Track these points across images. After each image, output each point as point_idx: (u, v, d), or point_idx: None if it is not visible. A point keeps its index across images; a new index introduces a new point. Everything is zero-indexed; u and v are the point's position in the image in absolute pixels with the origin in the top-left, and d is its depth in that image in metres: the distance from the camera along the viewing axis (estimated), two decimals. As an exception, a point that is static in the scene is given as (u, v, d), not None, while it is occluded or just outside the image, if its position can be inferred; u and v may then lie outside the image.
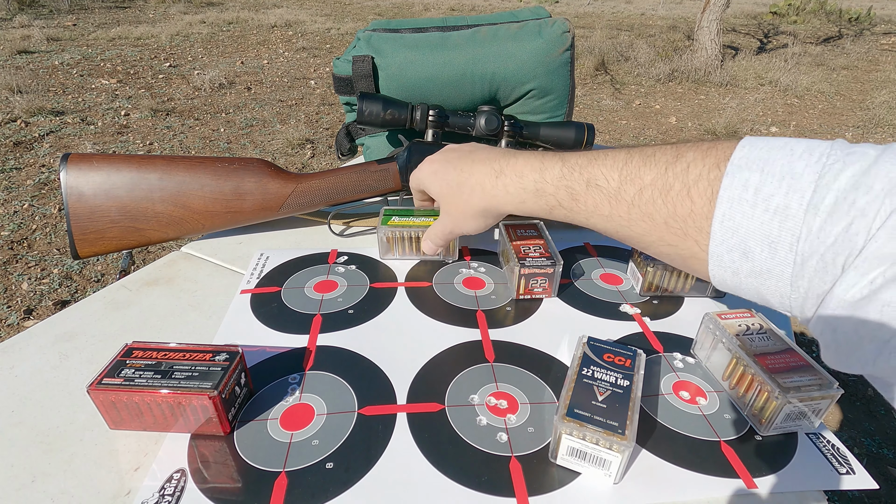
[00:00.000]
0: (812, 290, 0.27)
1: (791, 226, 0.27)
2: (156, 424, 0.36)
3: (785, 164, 0.28)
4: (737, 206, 0.29)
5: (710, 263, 0.31)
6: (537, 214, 0.42)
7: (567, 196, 0.38)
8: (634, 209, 0.34)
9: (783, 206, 0.27)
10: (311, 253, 0.57)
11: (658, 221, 0.33)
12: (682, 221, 0.32)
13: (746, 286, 0.31)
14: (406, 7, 8.04)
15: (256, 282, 0.52)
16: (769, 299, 0.30)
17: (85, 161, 0.52)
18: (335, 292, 0.51)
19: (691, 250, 0.33)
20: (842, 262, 0.26)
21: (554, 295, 0.51)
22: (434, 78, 0.61)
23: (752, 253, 0.29)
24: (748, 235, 0.29)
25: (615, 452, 0.32)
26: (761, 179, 0.28)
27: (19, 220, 2.01)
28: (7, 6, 6.04)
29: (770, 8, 8.13)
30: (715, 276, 0.32)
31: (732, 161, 0.30)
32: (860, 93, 4.34)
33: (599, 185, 0.36)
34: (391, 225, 0.54)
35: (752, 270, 0.30)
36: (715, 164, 0.31)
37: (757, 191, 0.28)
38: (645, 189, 0.34)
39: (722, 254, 0.31)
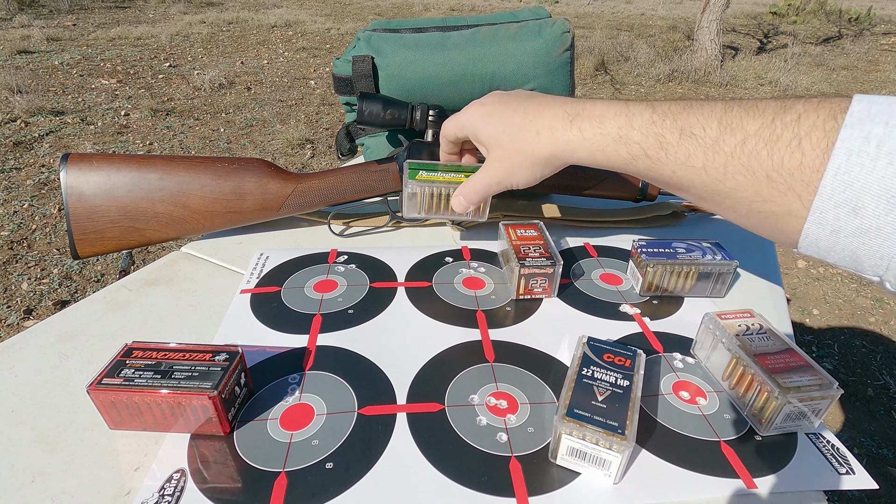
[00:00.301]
0: None
1: None
2: (156, 424, 0.36)
3: None
4: (855, 159, 0.28)
5: (809, 220, 0.30)
6: (612, 165, 0.38)
7: (655, 145, 0.35)
8: (733, 161, 0.32)
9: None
10: (310, 253, 0.57)
11: (759, 175, 0.31)
12: (788, 175, 0.30)
13: (843, 247, 0.29)
14: (406, 7, 8.04)
15: (256, 282, 0.52)
16: (864, 261, 0.29)
17: (85, 161, 0.52)
18: (335, 292, 0.51)
19: (790, 206, 0.31)
20: None
21: (554, 295, 0.51)
22: (434, 78, 0.61)
23: (864, 209, 0.28)
24: (864, 190, 0.27)
25: (615, 452, 0.32)
26: (885, 132, 0.27)
27: (19, 220, 2.01)
28: (7, 6, 6.04)
29: (770, 8, 8.13)
30: (808, 236, 0.30)
31: (852, 113, 0.28)
32: (860, 93, 4.34)
33: (695, 135, 0.34)
34: (419, 180, 0.51)
35: (857, 228, 0.28)
36: (831, 116, 0.29)
37: (880, 144, 0.27)
38: (749, 139, 0.32)
39: (827, 210, 0.29)
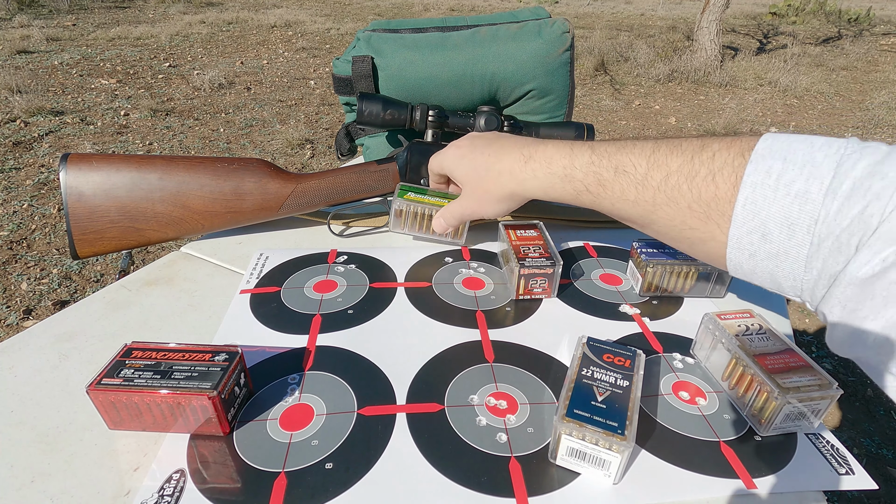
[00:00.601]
0: (825, 271, 0.29)
1: (810, 209, 0.29)
2: (155, 425, 0.36)
3: (806, 154, 0.30)
4: (759, 191, 0.31)
5: (729, 246, 0.33)
6: (563, 199, 0.43)
7: (595, 182, 0.40)
8: (660, 194, 0.36)
9: (803, 190, 0.29)
10: (310, 253, 0.57)
11: (682, 206, 0.35)
12: (705, 205, 0.34)
13: (762, 269, 0.32)
14: (406, 7, 8.04)
15: (256, 282, 0.52)
16: (782, 283, 0.32)
17: (84, 161, 0.52)
18: (335, 292, 0.51)
19: (712, 233, 0.34)
20: (856, 242, 0.27)
21: (553, 295, 0.51)
22: (434, 78, 0.61)
23: (770, 235, 0.31)
24: (769, 218, 0.31)
25: (615, 453, 0.32)
26: (783, 167, 0.30)
27: (19, 220, 2.01)
28: (7, 6, 6.03)
29: (769, 8, 8.13)
30: (731, 260, 0.34)
31: (756, 150, 0.32)
32: (859, 93, 4.35)
33: (627, 172, 0.38)
34: (406, 199, 0.56)
35: (769, 253, 0.31)
36: (739, 153, 0.33)
37: (779, 177, 0.30)
38: (671, 175, 0.36)
39: (742, 236, 0.32)
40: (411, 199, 0.55)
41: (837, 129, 3.46)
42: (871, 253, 0.27)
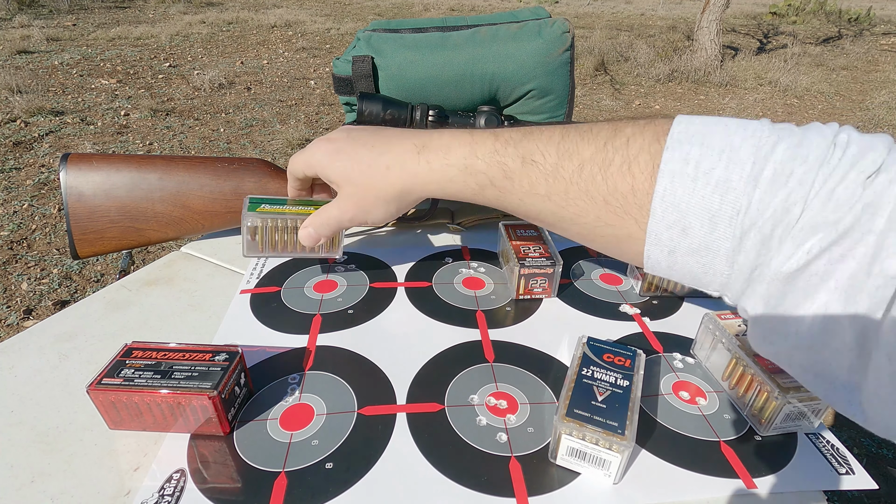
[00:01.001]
0: (748, 264, 0.27)
1: (732, 199, 0.27)
2: (155, 424, 0.36)
3: (723, 138, 0.28)
4: (678, 181, 0.28)
5: (647, 242, 0.30)
6: (463, 196, 0.37)
7: (500, 174, 0.35)
8: (573, 187, 0.32)
9: (724, 179, 0.27)
10: (309, 257, 0.57)
11: (598, 199, 0.31)
12: (622, 198, 0.30)
13: (681, 265, 0.30)
14: (406, 7, 8.04)
15: (256, 282, 0.52)
16: (703, 279, 0.30)
17: (84, 161, 0.52)
18: (335, 292, 0.51)
19: (629, 230, 0.31)
20: (780, 233, 0.26)
21: (554, 295, 0.51)
22: (434, 78, 0.61)
23: (691, 229, 0.28)
24: (689, 210, 0.28)
25: (615, 452, 0.32)
26: (701, 153, 0.28)
27: (19, 220, 2.01)
28: (7, 6, 6.03)
29: (770, 8, 8.13)
30: (650, 257, 0.31)
31: (672, 135, 0.29)
32: (860, 93, 4.35)
33: (536, 162, 0.34)
34: (261, 212, 0.46)
35: (690, 248, 0.29)
36: (655, 138, 0.30)
37: (697, 164, 0.28)
38: (585, 164, 0.32)
39: (661, 231, 0.29)
40: (267, 212, 0.46)
41: (838, 129, 3.45)
42: (795, 245, 0.25)
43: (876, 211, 0.23)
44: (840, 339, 0.25)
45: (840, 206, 0.24)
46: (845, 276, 0.24)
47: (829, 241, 0.24)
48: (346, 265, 0.55)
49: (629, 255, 0.33)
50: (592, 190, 0.31)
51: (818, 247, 0.24)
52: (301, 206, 0.47)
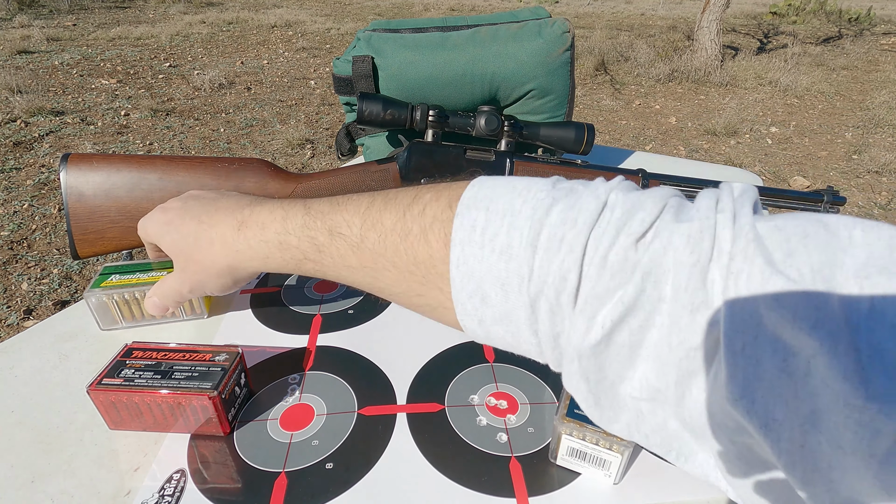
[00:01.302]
0: (550, 332, 0.26)
1: (516, 266, 0.26)
2: (156, 425, 0.36)
3: (507, 202, 0.27)
4: (468, 249, 0.27)
5: (457, 311, 0.29)
6: (287, 270, 0.37)
7: (312, 248, 0.34)
8: (379, 258, 0.32)
9: (507, 245, 0.26)
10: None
11: (402, 270, 0.31)
12: (424, 268, 0.30)
13: (496, 335, 0.29)
14: (406, 7, 8.05)
15: (256, 282, 0.52)
16: (519, 347, 0.29)
17: (85, 161, 0.52)
18: (335, 292, 0.51)
19: (437, 299, 0.30)
20: (565, 301, 0.24)
21: None
22: (434, 78, 0.61)
23: (489, 298, 0.27)
24: (483, 279, 0.27)
25: (615, 453, 0.32)
26: (487, 218, 0.27)
27: (19, 220, 2.01)
28: (7, 6, 6.04)
29: (770, 8, 8.13)
30: (466, 327, 0.30)
31: (462, 201, 0.28)
32: (860, 93, 4.35)
33: (342, 234, 0.33)
34: (107, 287, 0.44)
35: (493, 317, 0.28)
36: (447, 205, 0.29)
37: (483, 231, 0.27)
38: (386, 234, 0.31)
39: (464, 300, 0.28)
40: (114, 286, 0.44)
41: (838, 129, 3.46)
42: (586, 318, 0.24)
43: (659, 279, 0.22)
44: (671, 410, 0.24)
45: (616, 274, 0.23)
46: (652, 345, 0.23)
47: (619, 313, 0.23)
48: None
49: (453, 326, 0.32)
50: (397, 260, 0.31)
51: (610, 319, 0.23)
52: (158, 270, 0.46)
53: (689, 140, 3.26)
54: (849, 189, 2.63)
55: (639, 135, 3.34)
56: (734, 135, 3.33)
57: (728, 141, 3.24)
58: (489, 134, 0.59)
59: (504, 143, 0.60)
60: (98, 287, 0.44)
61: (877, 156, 2.94)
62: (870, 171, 2.84)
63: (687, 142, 3.23)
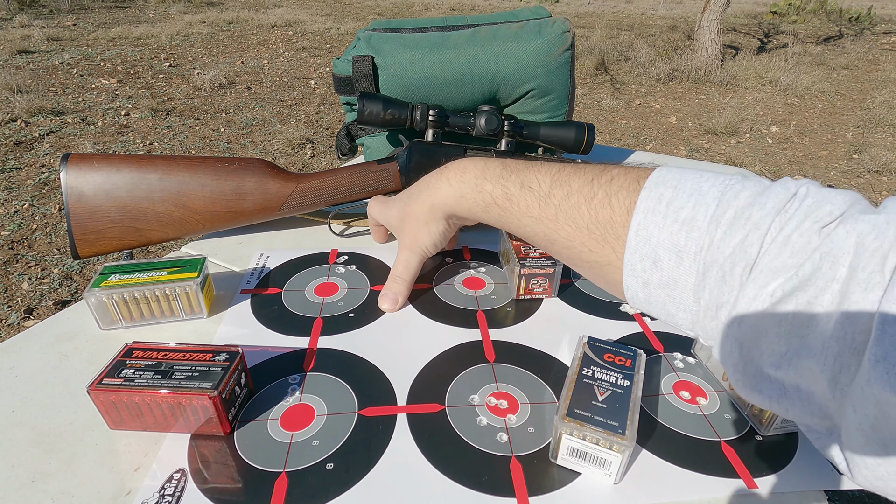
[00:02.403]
0: (713, 301, 0.29)
1: (696, 236, 0.29)
2: (156, 425, 0.36)
3: (695, 184, 0.31)
4: (651, 217, 0.31)
5: (624, 272, 0.33)
6: (473, 212, 0.43)
7: (503, 195, 0.40)
8: (561, 213, 0.36)
9: (690, 217, 0.29)
10: (311, 253, 0.57)
11: (581, 226, 0.35)
12: (602, 227, 0.34)
13: (655, 299, 0.32)
14: (406, 7, 8.04)
15: (257, 282, 0.52)
16: (676, 314, 0.31)
17: (85, 161, 0.52)
18: (336, 296, 0.51)
19: (608, 257, 0.34)
20: (739, 272, 0.27)
21: (554, 295, 0.51)
22: (434, 78, 0.61)
23: (661, 262, 0.31)
24: (659, 244, 0.30)
25: (615, 452, 0.32)
26: (673, 194, 0.31)
27: (19, 219, 2.01)
28: (7, 6, 6.04)
29: (770, 7, 8.12)
30: (628, 288, 0.33)
31: (651, 178, 0.32)
32: (860, 92, 4.34)
33: (532, 188, 0.38)
34: (108, 286, 0.44)
35: (661, 281, 0.31)
36: (635, 180, 0.33)
37: (669, 203, 0.31)
38: (572, 194, 0.36)
39: (635, 262, 0.32)
40: (114, 285, 0.44)
41: (838, 128, 3.45)
42: (757, 287, 0.26)
43: (836, 260, 0.24)
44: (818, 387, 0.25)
45: (797, 252, 0.26)
46: (815, 323, 0.25)
47: (793, 286, 0.25)
48: (346, 265, 0.55)
49: (612, 285, 0.35)
50: (577, 217, 0.35)
51: (781, 290, 0.25)
52: (153, 270, 0.46)
53: (690, 139, 3.26)
54: (849, 189, 2.63)
55: (639, 134, 3.33)
56: (734, 134, 3.33)
57: (728, 140, 3.24)
58: (489, 133, 0.59)
59: (504, 142, 0.60)
60: (98, 287, 0.44)
61: (877, 155, 2.94)
62: (870, 170, 2.84)
63: (687, 141, 3.23)
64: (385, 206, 0.52)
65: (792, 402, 0.27)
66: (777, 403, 0.27)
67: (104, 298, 0.44)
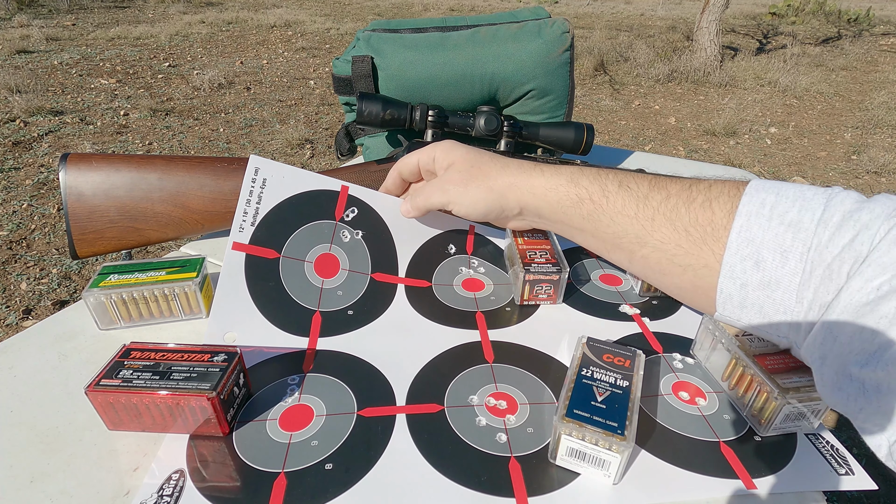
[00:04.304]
0: (816, 301, 0.29)
1: (803, 237, 0.30)
2: (154, 425, 0.36)
3: (797, 191, 0.32)
4: (754, 220, 0.32)
5: (722, 274, 0.33)
6: (560, 207, 0.42)
7: (599, 191, 0.40)
8: (659, 214, 0.37)
9: (796, 220, 0.30)
10: (316, 189, 0.50)
11: (679, 228, 0.36)
12: (702, 229, 0.34)
13: (753, 301, 0.32)
14: (406, 7, 8.04)
15: (251, 232, 0.47)
16: (772, 315, 0.32)
17: (84, 161, 0.52)
18: (336, 279, 0.49)
19: (705, 259, 0.34)
20: (846, 270, 0.28)
21: (559, 302, 0.50)
22: (433, 78, 0.61)
23: (764, 262, 0.31)
24: (763, 245, 0.31)
25: (614, 453, 0.32)
26: (776, 199, 0.32)
27: (18, 219, 2.01)
28: (6, 6, 6.03)
29: (769, 8, 8.13)
30: (723, 290, 0.34)
31: (751, 185, 0.33)
32: (859, 93, 4.35)
33: (630, 188, 0.39)
34: (106, 287, 0.44)
35: (761, 281, 0.32)
36: (735, 186, 0.34)
37: (773, 208, 0.31)
38: (671, 197, 0.37)
39: (735, 264, 0.32)
40: (113, 285, 0.44)
41: (837, 129, 3.46)
42: (864, 280, 0.27)
43: None
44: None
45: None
46: None
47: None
48: (353, 228, 0.51)
49: (703, 292, 0.36)
50: (675, 219, 0.36)
51: (888, 285, 0.26)
52: (152, 270, 0.46)
53: (689, 140, 3.26)
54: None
55: (638, 135, 3.34)
56: (733, 135, 3.33)
57: (727, 141, 3.24)
58: (489, 134, 0.59)
59: (503, 143, 0.60)
60: (97, 287, 0.44)
61: (876, 156, 2.95)
62: (869, 171, 2.84)
63: (686, 142, 3.23)
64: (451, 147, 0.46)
65: (868, 400, 0.27)
66: (854, 402, 0.28)
67: (103, 298, 0.44)
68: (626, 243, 0.40)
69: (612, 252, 0.43)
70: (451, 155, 0.46)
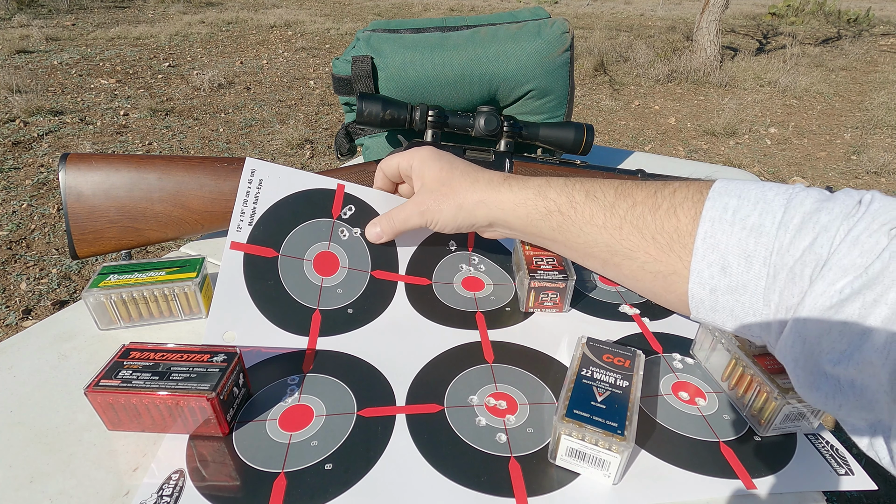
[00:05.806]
0: (782, 304, 0.30)
1: (765, 241, 0.30)
2: (154, 426, 0.36)
3: (758, 193, 0.32)
4: (717, 225, 0.32)
5: (690, 280, 0.34)
6: (529, 220, 0.42)
7: (567, 202, 0.40)
8: (626, 223, 0.37)
9: (758, 224, 0.31)
10: (313, 188, 0.51)
11: (647, 235, 0.36)
12: (668, 236, 0.35)
13: (723, 305, 0.33)
14: (406, 7, 8.04)
15: (249, 231, 0.47)
16: (743, 318, 0.32)
17: (84, 161, 0.52)
18: (335, 277, 0.49)
19: (674, 266, 0.35)
20: (809, 273, 0.28)
21: (565, 310, 0.49)
22: (433, 78, 0.61)
23: (730, 267, 0.32)
24: (727, 251, 0.32)
25: (614, 453, 0.32)
26: (738, 203, 0.32)
27: (18, 219, 2.01)
28: (6, 6, 6.03)
29: (769, 9, 8.13)
30: (693, 296, 0.34)
31: (714, 189, 0.34)
32: (859, 94, 4.35)
33: (597, 197, 0.39)
34: (105, 287, 0.44)
35: (729, 286, 0.32)
36: (698, 191, 0.34)
37: (735, 212, 0.32)
38: (637, 205, 0.37)
39: (702, 269, 0.33)
40: (112, 286, 0.44)
41: (836, 129, 3.46)
42: (826, 284, 0.27)
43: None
44: (875, 380, 0.26)
45: (866, 252, 0.26)
46: (879, 322, 0.25)
47: (861, 284, 0.26)
48: (350, 225, 0.51)
49: (675, 296, 0.36)
50: (643, 226, 0.36)
51: (850, 288, 0.26)
52: (153, 270, 0.46)
53: (689, 140, 3.26)
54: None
55: (638, 135, 3.34)
56: (733, 135, 3.33)
57: (727, 141, 3.24)
58: (488, 134, 0.59)
59: (503, 143, 0.60)
60: (96, 287, 0.44)
61: (875, 156, 2.95)
62: (868, 171, 2.84)
63: (686, 142, 3.23)
64: (426, 157, 0.46)
65: (846, 397, 0.27)
66: (832, 400, 0.28)
67: (103, 299, 0.44)
68: (597, 252, 0.40)
69: (585, 260, 0.43)
70: (425, 172, 0.46)
